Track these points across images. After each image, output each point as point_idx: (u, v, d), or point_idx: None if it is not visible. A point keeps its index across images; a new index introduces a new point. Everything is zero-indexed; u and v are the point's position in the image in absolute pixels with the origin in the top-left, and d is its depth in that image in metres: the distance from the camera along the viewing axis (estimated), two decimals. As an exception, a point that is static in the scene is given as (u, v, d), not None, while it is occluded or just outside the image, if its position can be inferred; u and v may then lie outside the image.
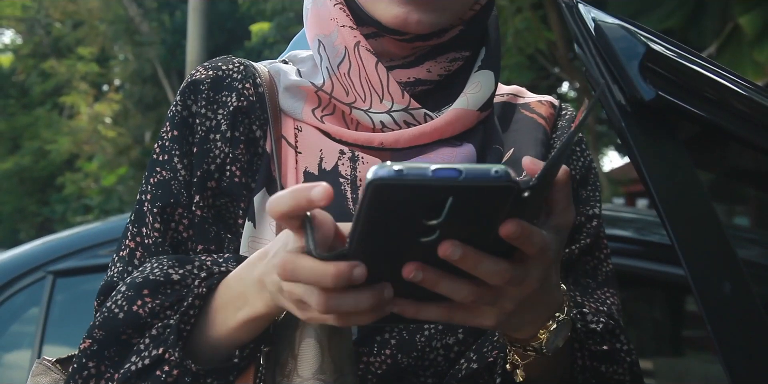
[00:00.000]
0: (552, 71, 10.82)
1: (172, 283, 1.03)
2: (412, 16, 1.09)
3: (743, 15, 7.00)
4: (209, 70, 1.16)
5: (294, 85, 1.17)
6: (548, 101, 1.29)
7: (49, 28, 22.83)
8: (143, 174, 1.18)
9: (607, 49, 1.06)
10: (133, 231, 1.14)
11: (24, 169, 21.83)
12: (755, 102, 1.15)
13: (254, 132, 1.15)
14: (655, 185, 1.02)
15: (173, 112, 1.15)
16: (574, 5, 1.11)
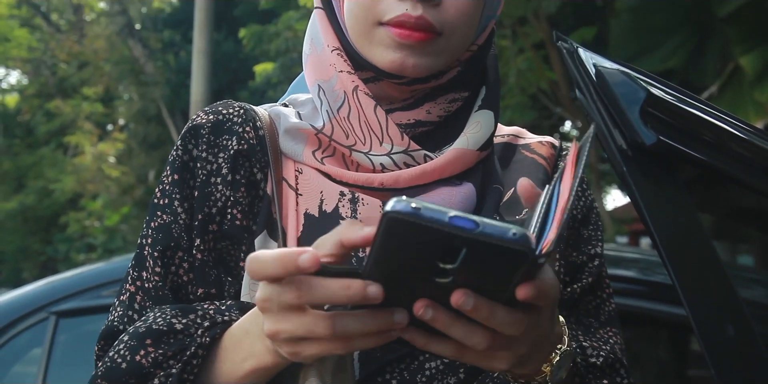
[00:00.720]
0: (554, 111, 10.85)
1: (175, 332, 1.02)
2: (407, 60, 1.09)
3: (743, 55, 7.03)
4: (209, 115, 1.17)
5: (294, 128, 1.16)
6: (549, 142, 1.29)
7: (55, 69, 22.99)
8: (146, 213, 1.18)
9: (608, 94, 1.08)
10: (134, 275, 1.13)
11: (28, 209, 21.85)
12: (754, 145, 1.16)
13: (255, 175, 1.15)
14: (656, 228, 1.03)
15: (174, 156, 1.16)
16: (575, 51, 1.13)
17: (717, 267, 1.10)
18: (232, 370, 0.99)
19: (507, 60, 8.47)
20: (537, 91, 9.20)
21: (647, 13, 7.99)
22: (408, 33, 1.08)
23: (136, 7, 21.10)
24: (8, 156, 23.42)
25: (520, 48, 8.66)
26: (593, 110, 1.09)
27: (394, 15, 1.08)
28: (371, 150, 1.13)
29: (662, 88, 1.15)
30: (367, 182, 1.13)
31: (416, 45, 1.09)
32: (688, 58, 7.71)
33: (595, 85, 1.09)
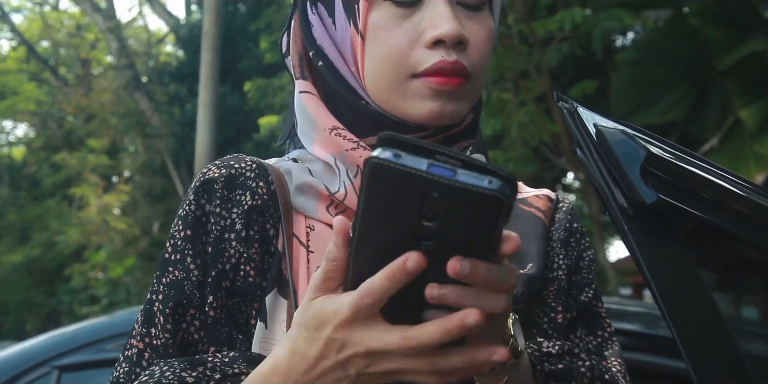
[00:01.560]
0: (556, 163, 10.89)
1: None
2: (445, 108, 1.11)
3: (744, 108, 7.08)
4: (222, 169, 1.16)
5: (306, 185, 1.17)
6: (545, 195, 1.33)
7: (62, 122, 23.16)
8: (150, 265, 1.18)
9: (608, 153, 1.08)
10: (142, 331, 1.11)
11: (33, 261, 21.81)
12: (753, 202, 1.17)
13: (267, 230, 1.14)
14: (657, 286, 1.03)
15: (186, 211, 1.14)
16: (575, 110, 1.13)
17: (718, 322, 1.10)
18: None
19: (509, 113, 8.52)
20: (539, 143, 9.23)
21: (647, 67, 8.06)
22: (446, 79, 1.10)
23: (142, 61, 21.32)
24: (14, 208, 23.46)
25: (522, 101, 8.72)
26: (594, 169, 1.10)
27: (430, 63, 1.10)
28: None
29: (661, 146, 1.15)
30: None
31: (453, 91, 1.11)
32: (688, 110, 7.76)
33: (596, 144, 1.10)
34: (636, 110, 7.84)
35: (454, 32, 1.09)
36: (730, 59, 7.11)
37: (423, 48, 1.11)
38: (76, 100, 20.79)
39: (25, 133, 28.24)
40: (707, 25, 7.55)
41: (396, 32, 1.12)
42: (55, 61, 25.11)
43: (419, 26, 1.11)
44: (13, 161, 26.28)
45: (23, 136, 28.15)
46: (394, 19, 1.12)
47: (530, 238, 1.26)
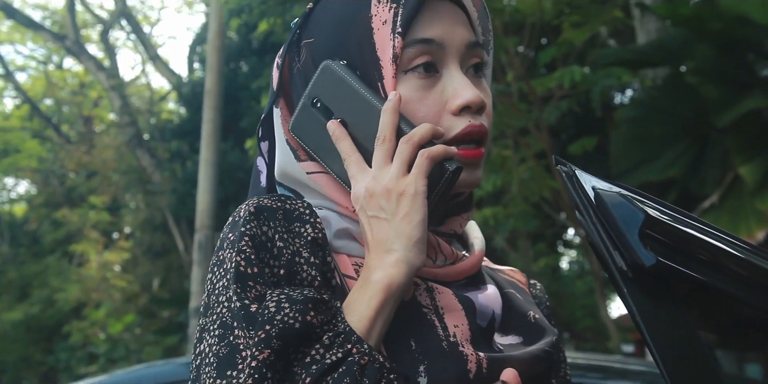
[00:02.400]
0: (557, 219, 10.90)
1: (325, 301, 1.10)
2: (472, 176, 1.23)
3: (743, 165, 7.10)
4: (276, 202, 1.18)
5: (346, 230, 1.23)
6: (517, 270, 1.46)
7: (64, 179, 23.23)
8: (150, 321, 1.18)
9: (607, 216, 1.10)
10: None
11: (32, 318, 21.69)
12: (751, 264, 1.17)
13: (329, 263, 1.18)
14: (657, 348, 1.04)
15: (252, 232, 1.14)
16: (573, 174, 1.16)
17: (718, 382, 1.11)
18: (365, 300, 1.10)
19: (509, 169, 8.56)
20: (539, 199, 9.25)
21: (646, 124, 8.10)
22: (472, 152, 1.22)
23: (145, 119, 21.47)
24: (14, 265, 23.40)
25: (522, 157, 8.77)
26: (593, 232, 1.11)
27: (460, 128, 1.21)
28: (426, 265, 1.22)
29: (659, 208, 1.17)
30: (425, 274, 1.22)
31: (474, 160, 1.22)
32: (688, 167, 7.77)
33: (594, 207, 1.12)
34: (636, 167, 7.86)
35: (478, 98, 1.20)
36: (729, 117, 7.15)
37: (449, 115, 1.21)
38: (78, 157, 20.88)
39: (26, 190, 28.34)
40: (705, 84, 7.61)
41: (424, 103, 1.21)
42: (58, 118, 25.30)
43: (443, 96, 1.22)
44: (14, 218, 26.30)
45: (25, 193, 28.22)
46: (420, 91, 1.22)
47: (532, 305, 1.37)
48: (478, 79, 1.27)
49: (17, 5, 24.15)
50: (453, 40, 1.23)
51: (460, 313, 1.20)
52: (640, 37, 9.79)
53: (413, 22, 1.22)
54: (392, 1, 1.22)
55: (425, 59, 1.21)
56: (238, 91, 16.69)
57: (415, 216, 1.13)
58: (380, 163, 1.17)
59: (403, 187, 1.14)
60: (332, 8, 1.27)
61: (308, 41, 1.28)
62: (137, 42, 24.58)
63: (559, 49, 8.43)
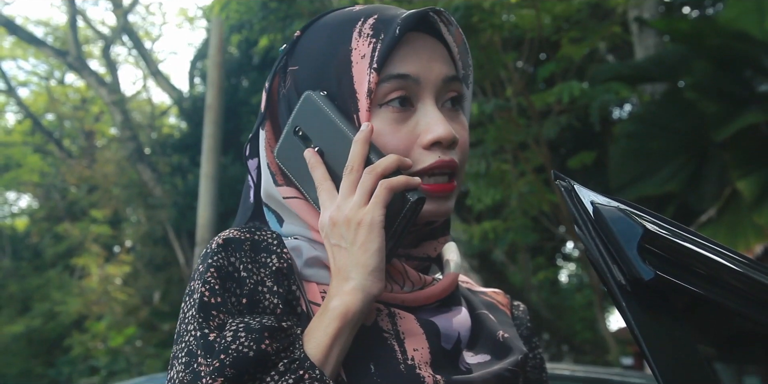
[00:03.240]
0: (556, 232, 10.91)
1: (283, 329, 1.14)
2: (441, 208, 1.25)
3: (741, 179, 7.10)
4: (245, 233, 1.23)
5: (316, 258, 1.26)
6: (501, 292, 1.49)
7: (65, 193, 23.18)
8: (151, 334, 1.22)
9: (605, 231, 1.10)
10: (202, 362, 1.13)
11: (33, 331, 21.60)
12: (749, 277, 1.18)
13: (294, 292, 1.21)
14: (656, 362, 1.04)
15: (219, 263, 1.19)
16: (572, 189, 1.16)
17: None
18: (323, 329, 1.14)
19: (508, 183, 8.57)
20: (539, 213, 9.27)
21: (645, 139, 8.12)
22: (441, 187, 1.25)
23: (146, 133, 21.46)
24: (15, 278, 23.33)
25: (521, 172, 8.78)
26: (592, 246, 1.12)
27: (428, 163, 1.24)
28: (393, 291, 1.26)
29: (658, 222, 1.17)
30: (392, 299, 1.25)
31: (445, 194, 1.25)
32: (686, 182, 7.78)
33: (593, 222, 1.12)
34: (634, 181, 7.88)
35: (449, 135, 1.23)
36: (727, 132, 7.16)
37: (420, 149, 1.24)
38: (80, 172, 20.85)
39: (28, 204, 28.28)
40: (703, 99, 7.63)
41: (396, 136, 1.24)
42: (59, 133, 25.26)
43: (415, 130, 1.25)
44: (16, 232, 26.24)
45: (26, 207, 28.18)
46: (393, 124, 1.25)
47: (507, 325, 1.40)
48: (454, 113, 1.30)
49: (19, 21, 24.19)
50: (429, 75, 1.26)
51: (420, 337, 1.23)
52: (639, 52, 9.83)
53: (391, 57, 1.25)
54: (372, 35, 1.25)
55: (400, 94, 1.24)
56: (238, 105, 16.70)
57: (371, 245, 1.16)
58: (345, 193, 1.20)
59: (360, 217, 1.17)
60: (317, 39, 1.31)
61: (293, 68, 1.32)
62: (138, 57, 24.58)
63: (558, 65, 8.46)
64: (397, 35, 1.24)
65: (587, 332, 13.36)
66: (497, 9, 7.28)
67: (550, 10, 7.94)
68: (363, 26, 1.27)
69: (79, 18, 22.12)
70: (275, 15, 9.20)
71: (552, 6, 7.93)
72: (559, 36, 8.54)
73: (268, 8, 9.15)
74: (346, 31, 1.28)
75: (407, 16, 1.25)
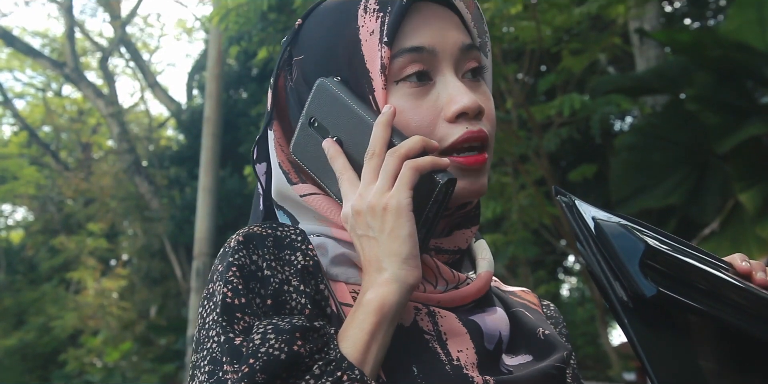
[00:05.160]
0: (557, 245, 10.88)
1: (315, 329, 1.05)
2: (475, 184, 1.18)
3: (743, 192, 7.09)
4: (266, 229, 1.15)
5: (344, 256, 1.19)
6: (530, 291, 1.42)
7: (61, 205, 23.24)
8: (147, 349, 1.15)
9: (607, 247, 1.09)
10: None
11: (27, 345, 21.61)
12: (752, 293, 1.16)
13: (321, 291, 1.13)
14: (659, 379, 1.03)
15: (240, 261, 1.11)
16: (573, 204, 1.14)
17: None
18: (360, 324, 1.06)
19: (509, 196, 8.55)
20: (539, 226, 9.24)
21: (646, 151, 8.12)
22: (474, 159, 1.17)
23: (143, 145, 21.51)
24: (10, 292, 23.34)
25: (522, 184, 8.76)
26: (593, 262, 1.10)
27: (457, 135, 1.16)
28: (425, 291, 1.18)
29: (660, 238, 1.17)
30: (426, 300, 1.17)
31: (478, 167, 1.18)
32: (688, 194, 7.78)
33: (595, 238, 1.11)
34: (636, 194, 7.86)
35: (474, 104, 1.16)
36: (729, 144, 7.16)
37: (445, 123, 1.17)
38: (76, 184, 20.93)
39: (23, 217, 28.35)
40: (704, 111, 7.63)
41: (417, 112, 1.17)
42: (56, 145, 25.37)
43: (437, 104, 1.18)
44: (11, 245, 26.29)
45: (22, 220, 28.24)
46: (412, 100, 1.17)
47: (544, 323, 1.33)
48: (476, 84, 1.23)
49: (17, 33, 24.28)
50: (445, 45, 1.19)
51: (464, 337, 1.16)
52: (639, 64, 9.83)
53: (401, 30, 1.18)
54: (378, 10, 1.19)
55: (417, 68, 1.18)
56: (237, 117, 16.74)
57: (401, 231, 1.08)
58: (368, 179, 1.12)
59: (385, 202, 1.09)
60: (320, 23, 1.25)
61: (298, 58, 1.25)
62: (136, 69, 24.70)
63: (558, 77, 8.45)
64: (405, 4, 1.17)
65: (589, 347, 13.34)
66: (497, 21, 7.27)
67: (551, 21, 7.94)
68: (368, 2, 1.20)
69: (76, 29, 22.23)
70: (274, 26, 9.21)
71: (552, 18, 7.92)
72: (559, 48, 8.55)
73: (267, 20, 9.15)
74: (351, 9, 1.21)
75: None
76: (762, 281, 1.17)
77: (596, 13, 7.93)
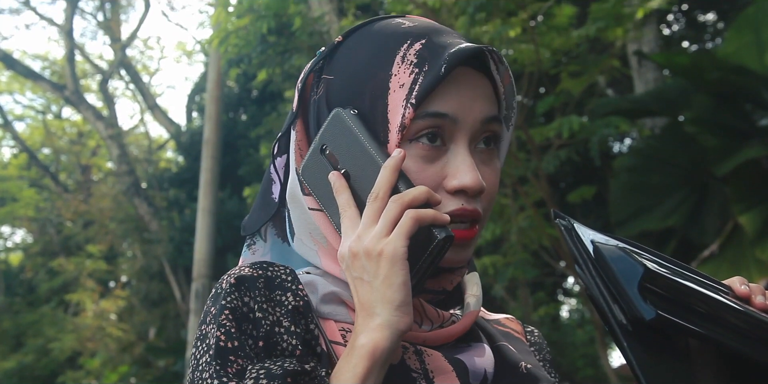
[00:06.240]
0: (556, 267, 10.86)
1: (306, 372, 1.08)
2: (459, 256, 1.21)
3: (743, 214, 7.08)
4: (257, 270, 1.17)
5: (333, 294, 1.21)
6: (513, 318, 1.44)
7: (60, 227, 23.19)
8: (145, 371, 1.16)
9: (606, 270, 1.10)
10: None
11: (26, 367, 21.50)
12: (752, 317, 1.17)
13: (312, 331, 1.16)
14: None
15: (233, 304, 1.13)
16: (572, 228, 1.15)
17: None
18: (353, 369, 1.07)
19: (508, 218, 8.54)
20: (539, 247, 9.22)
21: (645, 173, 8.12)
22: (462, 234, 1.18)
23: (143, 167, 21.50)
24: (8, 314, 23.25)
25: (521, 206, 8.75)
26: (592, 286, 1.11)
27: (450, 209, 1.18)
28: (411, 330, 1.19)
29: (659, 261, 1.17)
30: (413, 338, 1.19)
31: (464, 242, 1.20)
32: (687, 216, 7.77)
33: (594, 261, 1.11)
34: (635, 216, 7.86)
35: (476, 184, 1.17)
36: (728, 166, 7.16)
37: (444, 192, 1.19)
38: (75, 206, 20.89)
39: (22, 239, 28.30)
40: (703, 133, 7.63)
41: (422, 175, 1.19)
42: (55, 167, 25.36)
43: (443, 171, 1.19)
44: (10, 267, 26.22)
45: (21, 242, 28.19)
46: (421, 162, 1.19)
47: (527, 354, 1.35)
48: (488, 155, 1.24)
49: (17, 56, 24.34)
50: (468, 116, 1.19)
51: (451, 375, 1.18)
52: (638, 86, 9.85)
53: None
54: (416, 64, 1.18)
55: (432, 130, 1.18)
56: (236, 139, 16.74)
57: (395, 279, 1.09)
58: (368, 222, 1.14)
59: (381, 247, 1.10)
60: (357, 52, 1.24)
61: (328, 77, 1.25)
62: (136, 91, 24.72)
63: (557, 99, 8.46)
64: (443, 74, 1.16)
65: (589, 369, 13.28)
66: (496, 43, 7.29)
67: (549, 44, 7.96)
68: (408, 51, 1.19)
69: (76, 52, 22.26)
70: (274, 49, 9.24)
71: (551, 40, 7.95)
72: (558, 70, 8.56)
73: (267, 42, 9.19)
74: (390, 52, 1.20)
75: (457, 52, 1.17)
76: (761, 305, 1.16)
77: (595, 35, 7.95)
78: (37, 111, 26.85)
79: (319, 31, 8.99)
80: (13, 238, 29.53)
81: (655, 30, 10.50)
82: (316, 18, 8.98)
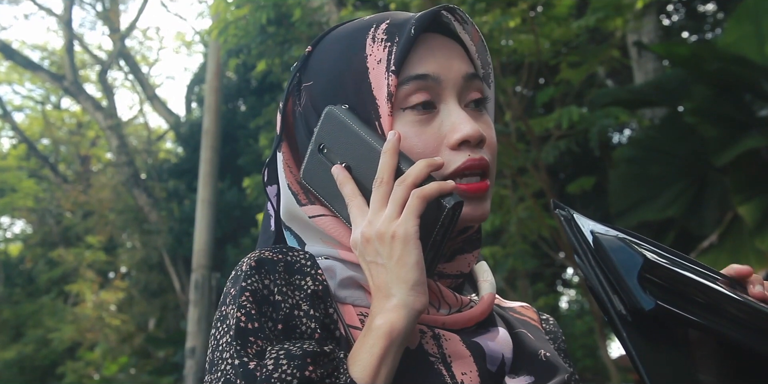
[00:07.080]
0: (556, 258, 10.86)
1: (326, 354, 1.09)
2: (477, 210, 1.21)
3: (742, 204, 7.07)
4: (277, 254, 1.19)
5: (351, 279, 1.22)
6: (529, 306, 1.45)
7: (60, 218, 23.20)
8: (145, 361, 1.16)
9: (605, 260, 1.10)
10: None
11: (25, 358, 21.54)
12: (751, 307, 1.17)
13: (330, 315, 1.17)
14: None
15: (254, 286, 1.14)
16: (572, 218, 1.16)
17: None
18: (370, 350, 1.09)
19: (508, 209, 8.54)
20: (538, 238, 9.22)
21: (645, 164, 8.11)
22: (476, 186, 1.20)
23: (142, 158, 21.50)
24: (8, 305, 23.29)
25: (521, 197, 8.75)
26: (592, 276, 1.11)
27: (459, 163, 1.20)
28: (429, 313, 1.21)
29: (658, 251, 1.18)
30: (432, 322, 1.21)
31: (481, 195, 1.21)
32: (687, 207, 7.77)
33: (593, 251, 1.12)
34: (634, 206, 7.86)
35: (476, 132, 1.20)
36: (727, 156, 7.14)
37: (448, 150, 1.20)
38: (75, 197, 20.91)
39: (22, 230, 28.33)
40: (703, 123, 7.62)
41: (421, 139, 1.21)
42: (55, 158, 25.36)
43: (441, 131, 1.21)
44: (10, 258, 26.24)
45: (20, 233, 28.22)
46: (417, 127, 1.21)
47: (544, 343, 1.35)
48: (479, 113, 1.27)
49: (16, 46, 24.31)
50: (449, 73, 1.23)
51: (468, 360, 1.19)
52: (638, 77, 9.84)
53: (408, 59, 1.22)
54: (386, 40, 1.23)
55: (422, 98, 1.21)
56: (235, 130, 16.73)
57: (408, 259, 1.11)
58: (376, 207, 1.15)
59: (393, 230, 1.12)
60: (329, 51, 1.28)
61: (307, 84, 1.29)
62: (135, 82, 24.72)
63: (557, 89, 8.46)
64: (413, 35, 1.21)
65: (588, 359, 13.31)
66: (496, 34, 7.28)
67: (549, 34, 7.96)
68: (376, 32, 1.25)
69: (75, 43, 22.23)
70: (273, 39, 9.21)
71: (551, 31, 7.94)
72: (557, 60, 8.55)
73: (266, 33, 9.16)
74: (359, 38, 1.25)
75: (421, 16, 1.23)
76: (759, 294, 1.16)
77: (594, 26, 7.94)
78: (36, 101, 26.86)
79: (319, 21, 8.97)
80: (13, 229, 29.60)
81: (655, 20, 10.49)
82: (316, 8, 8.97)
